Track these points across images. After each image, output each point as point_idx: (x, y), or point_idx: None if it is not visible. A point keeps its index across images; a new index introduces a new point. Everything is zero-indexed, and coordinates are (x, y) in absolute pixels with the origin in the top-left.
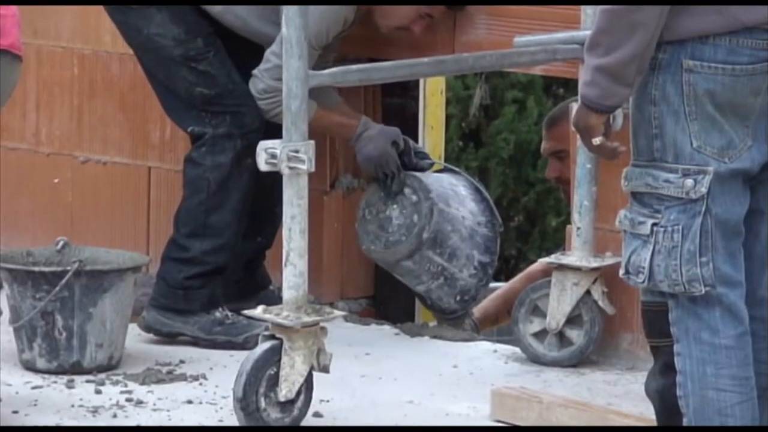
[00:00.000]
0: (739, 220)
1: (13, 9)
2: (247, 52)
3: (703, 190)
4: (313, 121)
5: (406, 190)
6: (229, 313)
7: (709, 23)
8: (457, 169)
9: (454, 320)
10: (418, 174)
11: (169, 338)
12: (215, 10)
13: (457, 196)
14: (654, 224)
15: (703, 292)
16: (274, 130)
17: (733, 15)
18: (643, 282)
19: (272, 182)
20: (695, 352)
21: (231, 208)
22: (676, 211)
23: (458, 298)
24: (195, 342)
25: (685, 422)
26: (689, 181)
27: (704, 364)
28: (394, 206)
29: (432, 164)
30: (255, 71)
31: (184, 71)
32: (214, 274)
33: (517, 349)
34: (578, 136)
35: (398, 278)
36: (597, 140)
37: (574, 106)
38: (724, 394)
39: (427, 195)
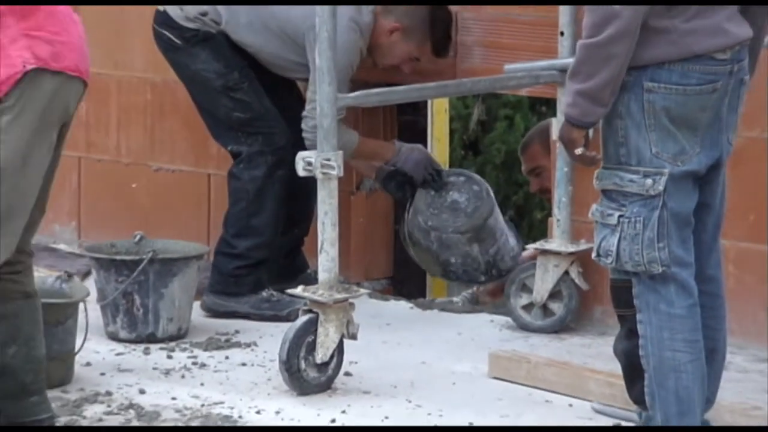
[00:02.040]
0: (690, 212)
1: (75, 35)
2: (277, 79)
3: (660, 188)
4: (358, 147)
5: (452, 179)
6: (274, 293)
7: (665, 52)
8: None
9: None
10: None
11: (226, 317)
12: (251, 49)
13: None
14: (620, 216)
15: (661, 271)
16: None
17: (684, 45)
18: (612, 263)
19: (307, 185)
20: (654, 320)
21: (269, 212)
22: (638, 205)
23: (512, 254)
24: (247, 317)
25: (647, 377)
26: (649, 181)
27: (662, 329)
28: (451, 192)
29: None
30: (304, 112)
31: (224, 99)
32: (258, 265)
33: (510, 319)
34: (562, 148)
35: (468, 250)
36: (578, 151)
37: (550, 125)
38: (678, 354)
39: (462, 174)
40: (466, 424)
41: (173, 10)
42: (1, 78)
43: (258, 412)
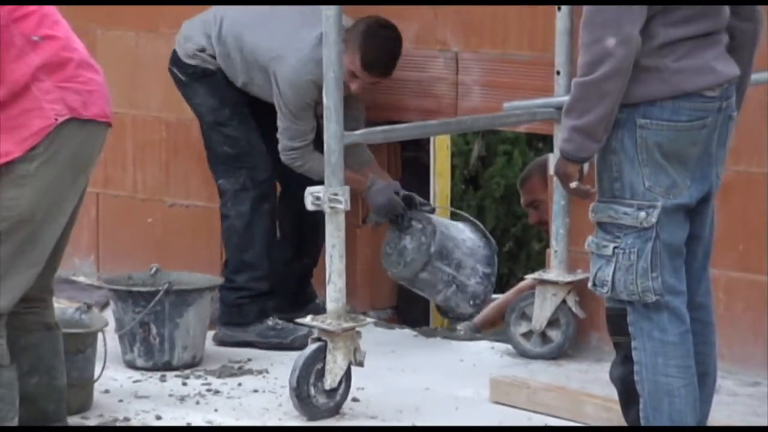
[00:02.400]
0: (681, 243)
1: (100, 82)
2: (269, 113)
3: (653, 220)
4: None
5: (414, 223)
6: (279, 321)
7: (657, 90)
8: (456, 210)
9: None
10: (421, 212)
11: (237, 346)
12: (239, 82)
13: (455, 226)
14: (615, 247)
15: (654, 299)
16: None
17: (674, 83)
18: (607, 292)
19: (314, 217)
20: (648, 347)
21: (259, 246)
22: (632, 236)
23: (471, 302)
24: (253, 345)
25: (642, 402)
26: (642, 214)
27: (656, 356)
28: (407, 237)
29: (433, 209)
30: (277, 135)
31: (215, 134)
32: (259, 295)
33: (510, 346)
34: (558, 181)
35: (420, 293)
36: (573, 184)
37: (547, 160)
38: (672, 379)
39: (429, 221)
40: None
41: (179, 48)
42: (35, 130)
43: None
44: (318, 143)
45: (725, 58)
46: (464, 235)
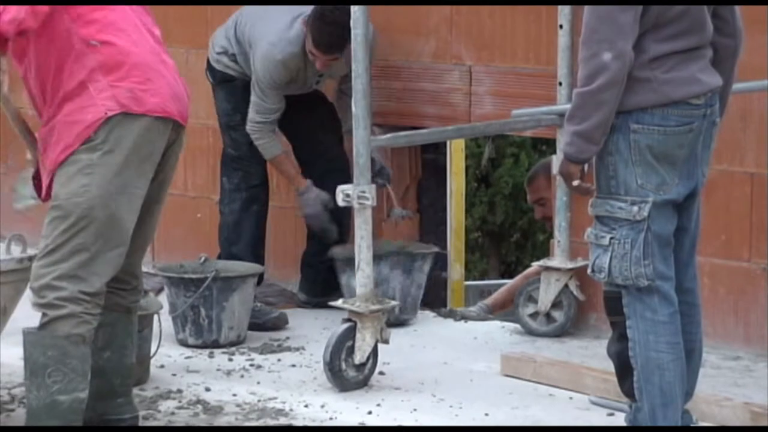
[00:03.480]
0: (670, 234)
1: (163, 82)
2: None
3: (645, 214)
4: (276, 159)
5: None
6: (258, 304)
7: (648, 99)
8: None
9: None
10: None
11: None
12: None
13: None
14: (611, 238)
15: (646, 284)
16: None
17: (664, 93)
18: (604, 277)
19: (340, 214)
20: (641, 326)
21: (245, 241)
22: (627, 228)
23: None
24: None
25: (635, 374)
26: (635, 208)
27: (647, 333)
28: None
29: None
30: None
31: (226, 135)
32: None
33: (518, 326)
34: (561, 180)
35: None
36: (575, 183)
37: (551, 161)
38: (662, 354)
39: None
40: (482, 414)
41: (209, 54)
42: (88, 122)
43: (306, 406)
44: (282, 127)
45: (709, 70)
46: None
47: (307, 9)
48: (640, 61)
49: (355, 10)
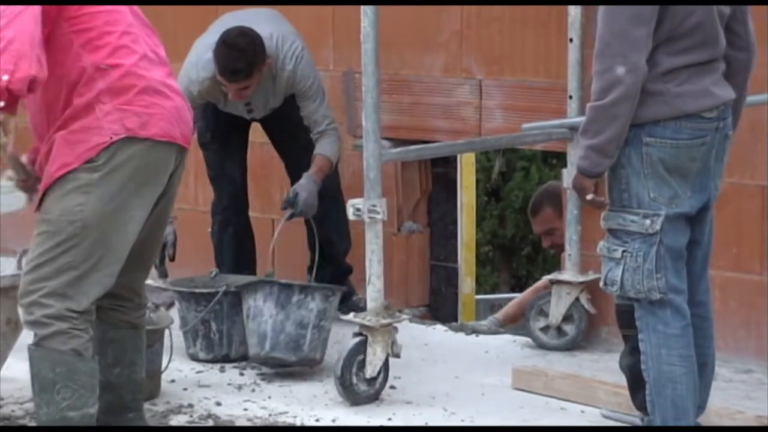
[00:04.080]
0: (683, 247)
1: (169, 106)
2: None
3: (657, 227)
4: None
5: None
6: None
7: (660, 112)
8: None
9: None
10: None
11: None
12: (219, 106)
13: None
14: (624, 251)
15: (658, 297)
16: None
17: (676, 106)
18: (617, 290)
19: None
20: (653, 339)
21: (228, 262)
22: (639, 241)
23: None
24: None
25: (647, 388)
26: (648, 221)
27: (660, 347)
28: None
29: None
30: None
31: (204, 153)
32: None
33: (529, 339)
34: (573, 193)
35: None
36: (589, 196)
37: (554, 188)
38: (674, 368)
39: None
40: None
41: None
42: (92, 144)
43: (317, 420)
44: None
45: (722, 84)
46: None
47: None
48: (653, 74)
49: (365, 25)
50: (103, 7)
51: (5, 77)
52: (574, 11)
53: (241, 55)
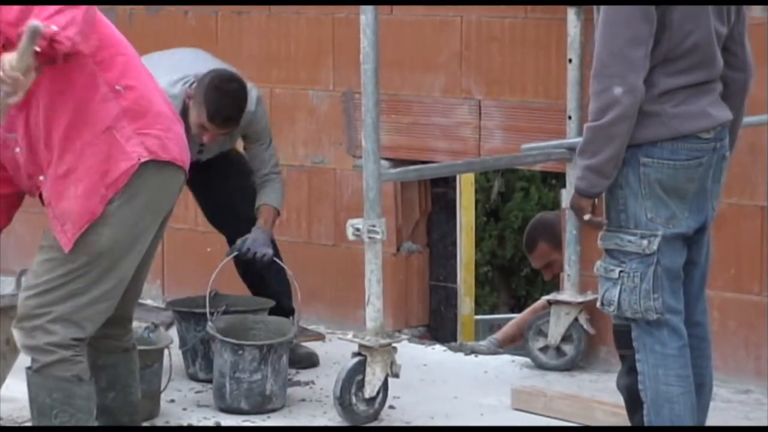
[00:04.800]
0: (680, 267)
1: (178, 132)
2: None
3: (654, 247)
4: None
5: None
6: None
7: (657, 133)
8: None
9: None
10: None
11: None
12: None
13: None
14: (621, 271)
15: (656, 317)
16: None
17: (673, 127)
18: (614, 311)
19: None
20: (650, 359)
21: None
22: (636, 262)
23: None
24: None
25: (645, 408)
26: (645, 242)
27: (657, 367)
28: None
29: None
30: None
31: None
32: None
33: (528, 359)
34: (571, 214)
35: None
36: (586, 217)
37: (546, 221)
38: (672, 388)
39: None
40: None
41: None
42: (122, 170)
43: None
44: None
45: (719, 104)
46: None
47: (190, 74)
48: (650, 95)
49: (365, 45)
50: (108, 28)
51: (55, 27)
52: (573, 31)
53: (233, 102)
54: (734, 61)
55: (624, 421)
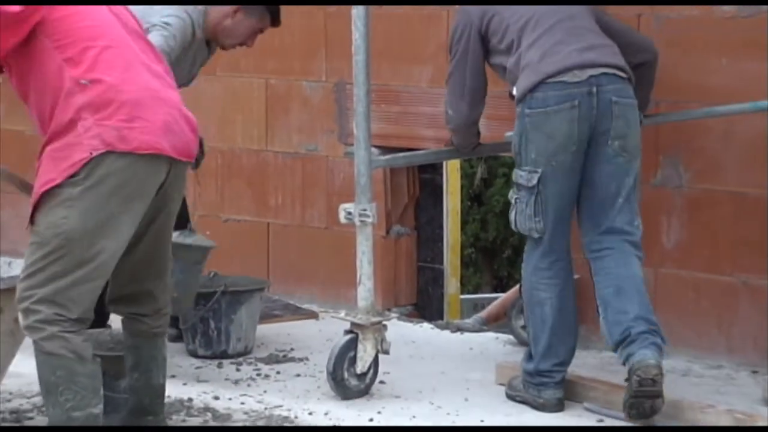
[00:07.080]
0: (562, 196)
1: (158, 119)
2: None
3: (535, 182)
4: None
5: None
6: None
7: (529, 81)
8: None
9: None
10: None
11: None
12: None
13: None
14: (516, 198)
15: (537, 236)
16: None
17: (541, 71)
18: (514, 227)
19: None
20: (528, 268)
21: None
22: (524, 191)
23: None
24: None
25: (524, 306)
26: (529, 176)
27: (531, 275)
28: None
29: None
30: None
31: None
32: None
33: (512, 337)
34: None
35: None
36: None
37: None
38: (540, 293)
39: None
40: (478, 421)
41: None
42: (73, 160)
43: (310, 413)
44: None
45: (599, 50)
46: None
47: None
48: (515, 59)
49: (356, 38)
50: (85, 21)
51: None
52: None
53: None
54: (630, 49)
55: (602, 395)
